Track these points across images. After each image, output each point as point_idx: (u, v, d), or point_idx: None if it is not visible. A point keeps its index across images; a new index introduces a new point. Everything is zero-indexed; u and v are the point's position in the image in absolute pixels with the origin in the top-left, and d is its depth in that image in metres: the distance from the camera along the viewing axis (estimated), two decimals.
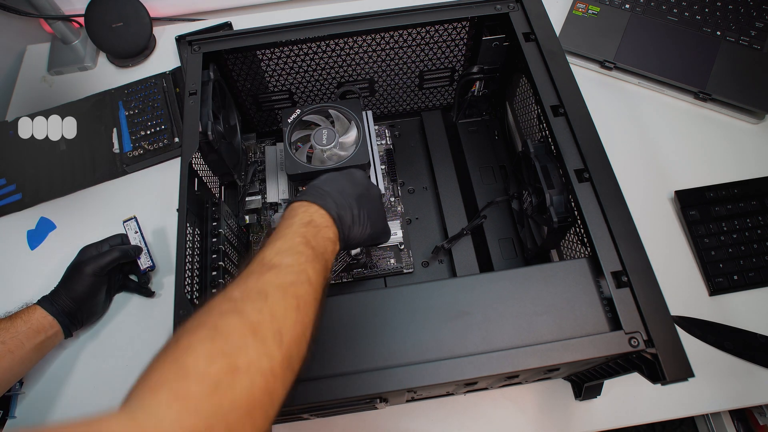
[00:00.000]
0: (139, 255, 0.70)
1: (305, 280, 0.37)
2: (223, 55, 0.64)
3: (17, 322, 0.60)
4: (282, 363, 0.32)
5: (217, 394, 0.28)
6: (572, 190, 0.49)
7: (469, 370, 0.41)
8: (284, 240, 0.40)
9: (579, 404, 0.62)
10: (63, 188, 0.81)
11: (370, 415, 0.63)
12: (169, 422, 0.25)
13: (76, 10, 0.93)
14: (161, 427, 0.25)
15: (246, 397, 0.29)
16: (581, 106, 0.53)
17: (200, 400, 0.27)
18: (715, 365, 0.63)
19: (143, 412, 0.26)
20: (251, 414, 0.29)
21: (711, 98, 0.80)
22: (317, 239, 0.42)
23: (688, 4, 0.85)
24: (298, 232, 0.42)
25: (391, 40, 0.65)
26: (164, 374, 0.28)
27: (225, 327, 0.31)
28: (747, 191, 0.71)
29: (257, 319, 0.32)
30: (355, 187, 0.51)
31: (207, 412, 0.27)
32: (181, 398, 0.27)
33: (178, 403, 0.27)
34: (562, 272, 0.46)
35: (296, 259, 0.38)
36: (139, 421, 0.25)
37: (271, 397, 0.31)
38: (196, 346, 0.30)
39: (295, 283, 0.36)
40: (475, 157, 0.76)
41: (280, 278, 0.36)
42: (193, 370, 0.28)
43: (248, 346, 0.31)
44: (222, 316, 0.32)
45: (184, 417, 0.26)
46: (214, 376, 0.28)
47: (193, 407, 0.27)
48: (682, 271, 0.70)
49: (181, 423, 0.26)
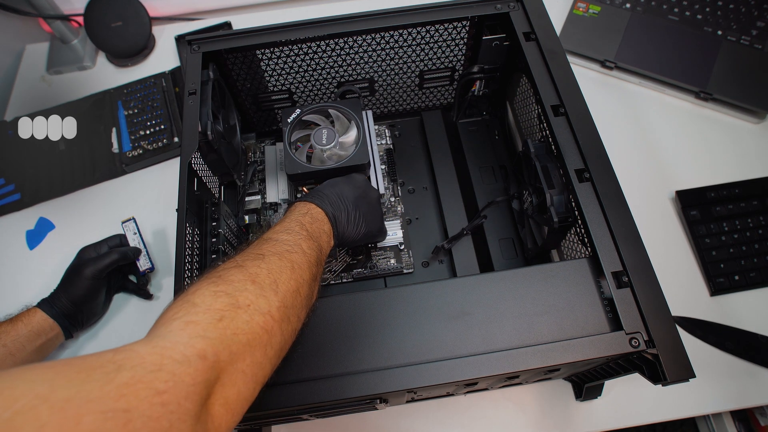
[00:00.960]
0: (138, 256, 0.70)
1: (299, 251, 0.42)
2: (222, 55, 0.64)
3: (18, 325, 0.60)
4: (279, 308, 0.36)
5: (222, 323, 0.32)
6: (573, 190, 0.49)
7: (470, 370, 0.41)
8: (282, 224, 0.46)
9: (579, 405, 0.62)
10: (62, 188, 0.81)
11: (370, 415, 0.63)
12: (183, 344, 0.29)
13: (75, 10, 0.93)
14: (176, 348, 0.29)
15: (246, 330, 0.33)
16: (582, 105, 0.53)
17: (207, 326, 0.32)
18: (716, 366, 0.63)
19: (160, 337, 0.30)
20: (251, 346, 0.33)
21: (712, 98, 0.80)
22: (312, 226, 0.47)
23: (689, 4, 0.84)
24: (295, 219, 0.47)
25: (391, 39, 0.65)
26: (177, 310, 0.33)
27: (228, 275, 0.36)
28: (748, 191, 0.71)
29: (256, 272, 0.37)
30: (354, 190, 0.55)
31: (213, 337, 0.31)
32: (191, 324, 0.31)
33: (189, 327, 0.31)
34: (563, 272, 0.46)
35: (292, 236, 0.43)
36: (155, 342, 0.29)
37: (269, 335, 0.35)
38: (203, 288, 0.35)
39: (289, 251, 0.41)
40: (476, 156, 0.76)
41: (276, 247, 0.41)
42: (201, 304, 0.33)
43: (248, 290, 0.36)
44: (225, 270, 0.37)
45: (195, 340, 0.30)
46: (218, 310, 0.33)
47: (202, 331, 0.31)
48: (683, 272, 0.69)
49: (192, 344, 0.30)
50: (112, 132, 0.85)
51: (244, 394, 0.33)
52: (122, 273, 0.72)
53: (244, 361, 0.33)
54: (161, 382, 0.26)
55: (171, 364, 0.28)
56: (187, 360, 0.28)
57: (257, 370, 0.34)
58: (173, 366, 0.28)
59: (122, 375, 0.25)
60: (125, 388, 0.25)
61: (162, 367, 0.27)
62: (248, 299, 0.35)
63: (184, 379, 0.27)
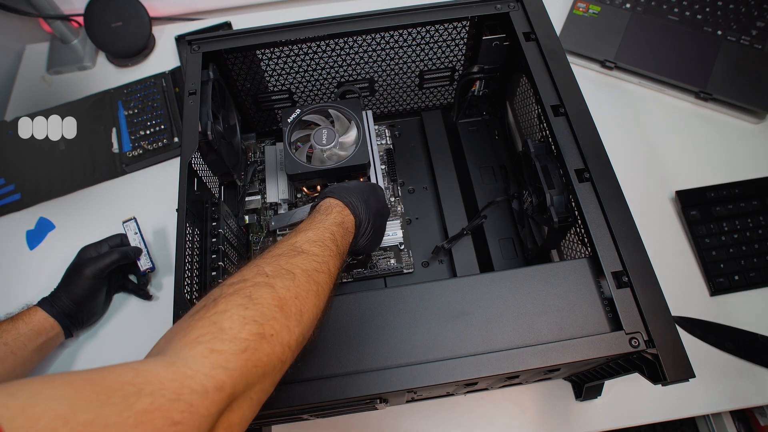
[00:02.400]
0: (139, 256, 0.70)
1: (326, 271, 0.42)
2: (222, 55, 0.64)
3: (19, 324, 0.60)
4: (297, 339, 0.36)
5: (245, 355, 0.32)
6: (573, 190, 0.49)
7: (470, 370, 0.41)
8: (315, 231, 0.45)
9: (579, 405, 0.62)
10: (62, 188, 0.81)
11: (370, 415, 0.63)
12: (203, 374, 0.29)
13: (75, 10, 0.93)
14: (196, 377, 0.29)
15: (265, 362, 0.33)
16: (582, 105, 0.53)
17: (231, 357, 0.31)
18: (716, 366, 0.63)
19: (182, 361, 0.30)
20: (265, 377, 0.34)
21: (712, 98, 0.80)
22: (343, 240, 0.47)
23: (689, 4, 0.84)
24: (329, 228, 0.46)
25: (391, 39, 0.65)
26: (203, 332, 0.32)
27: (258, 298, 0.36)
28: (748, 191, 0.71)
29: (285, 296, 0.37)
30: (377, 203, 0.55)
31: (234, 369, 0.31)
32: (215, 353, 0.31)
33: (213, 356, 0.31)
34: (563, 272, 0.46)
35: (323, 251, 0.43)
36: (177, 367, 0.29)
37: (282, 365, 0.35)
38: (233, 311, 0.34)
39: (318, 271, 0.41)
40: (475, 157, 0.76)
41: (306, 263, 0.41)
42: (229, 330, 0.33)
43: (275, 318, 0.35)
44: (256, 287, 0.36)
45: (216, 371, 0.30)
46: (244, 339, 0.33)
47: (225, 362, 0.31)
48: (682, 272, 0.69)
49: (213, 374, 0.30)
50: (112, 132, 0.85)
51: (246, 418, 0.33)
52: (123, 272, 0.72)
53: (255, 389, 0.33)
54: (178, 412, 0.27)
55: (189, 394, 0.28)
56: (206, 391, 0.29)
57: (263, 395, 0.35)
58: (191, 396, 0.28)
59: (141, 402, 0.26)
60: (143, 415, 0.25)
61: (180, 396, 0.27)
62: (274, 329, 0.35)
63: (199, 410, 0.28)
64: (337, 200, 0.51)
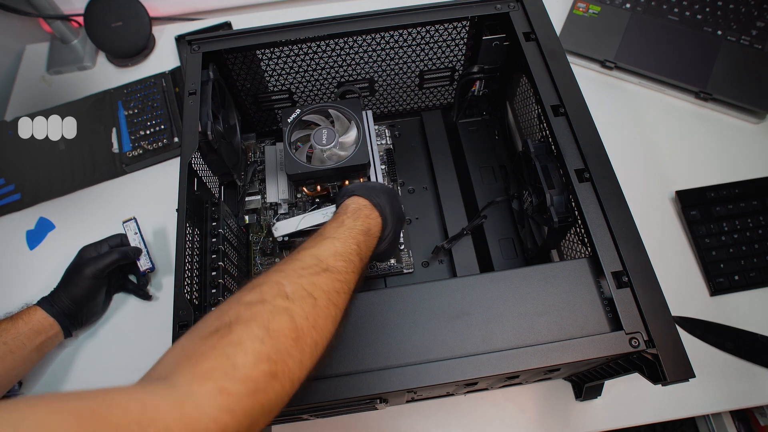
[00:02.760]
0: (139, 256, 0.70)
1: (347, 291, 0.41)
2: (222, 55, 0.64)
3: (18, 323, 0.60)
4: (308, 370, 0.36)
5: (255, 396, 0.31)
6: (573, 190, 0.49)
7: (470, 370, 0.41)
8: (343, 243, 0.43)
9: (579, 405, 0.62)
10: (62, 188, 0.81)
11: (370, 415, 0.63)
12: (209, 417, 0.28)
13: (75, 10, 0.93)
14: (201, 421, 0.28)
15: (273, 400, 0.32)
16: (582, 105, 0.53)
17: (240, 399, 0.30)
18: (716, 366, 0.63)
19: (191, 401, 0.29)
20: (270, 414, 0.32)
21: (712, 98, 0.80)
22: (367, 252, 0.46)
23: (689, 4, 0.84)
24: (356, 238, 0.45)
25: (391, 39, 0.65)
26: (215, 365, 0.31)
27: (276, 330, 0.34)
28: (748, 191, 0.71)
29: (303, 326, 0.35)
30: (399, 207, 0.54)
31: (241, 412, 0.30)
32: (224, 395, 0.30)
33: (221, 398, 0.29)
34: (563, 272, 0.46)
35: (347, 266, 0.42)
36: (185, 407, 0.28)
37: (287, 397, 0.34)
38: (248, 344, 0.32)
39: (338, 292, 0.39)
40: (475, 157, 0.76)
41: (329, 284, 0.39)
42: (242, 367, 0.31)
43: (290, 354, 0.34)
44: (275, 314, 0.35)
45: (223, 414, 0.29)
46: (256, 380, 0.31)
47: (233, 404, 0.30)
48: (682, 272, 0.69)
49: (219, 418, 0.29)
50: (112, 132, 0.85)
51: None
52: (122, 272, 0.72)
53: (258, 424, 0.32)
54: None
55: None
56: None
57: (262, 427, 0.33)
58: None
59: None
60: None
61: None
62: (287, 365, 0.33)
63: None
64: (366, 200, 0.49)
